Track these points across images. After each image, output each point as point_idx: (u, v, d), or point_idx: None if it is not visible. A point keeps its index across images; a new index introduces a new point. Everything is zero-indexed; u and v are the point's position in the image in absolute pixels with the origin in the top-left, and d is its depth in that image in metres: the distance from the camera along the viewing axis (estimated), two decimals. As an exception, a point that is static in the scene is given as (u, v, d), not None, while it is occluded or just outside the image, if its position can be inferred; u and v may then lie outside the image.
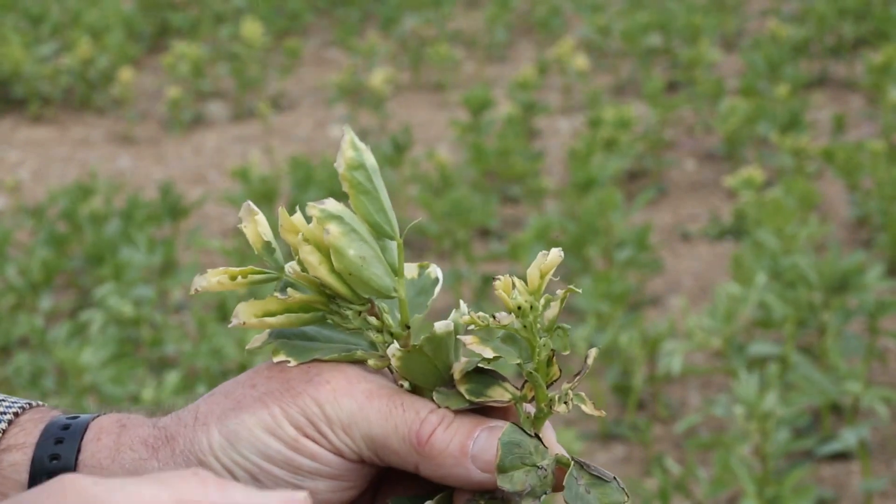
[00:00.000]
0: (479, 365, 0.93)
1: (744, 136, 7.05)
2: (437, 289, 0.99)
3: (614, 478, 0.92)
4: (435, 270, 1.00)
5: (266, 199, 6.07)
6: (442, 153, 6.78)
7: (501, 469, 0.90)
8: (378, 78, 7.93)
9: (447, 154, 7.00)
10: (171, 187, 6.31)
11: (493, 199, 6.22)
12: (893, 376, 4.81)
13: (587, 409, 0.94)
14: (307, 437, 0.92)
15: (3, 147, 8.09)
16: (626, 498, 0.92)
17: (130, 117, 8.38)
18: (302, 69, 9.37)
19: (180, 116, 8.31)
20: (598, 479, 0.92)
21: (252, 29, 8.84)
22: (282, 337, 0.96)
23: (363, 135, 7.93)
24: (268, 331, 0.97)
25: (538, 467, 0.91)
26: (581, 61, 8.21)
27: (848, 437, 4.06)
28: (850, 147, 6.32)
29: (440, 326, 0.92)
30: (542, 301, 0.92)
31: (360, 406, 0.92)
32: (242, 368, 4.32)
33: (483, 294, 5.44)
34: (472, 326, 0.92)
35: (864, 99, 8.01)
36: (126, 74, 8.36)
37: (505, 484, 0.90)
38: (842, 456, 4.33)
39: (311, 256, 0.92)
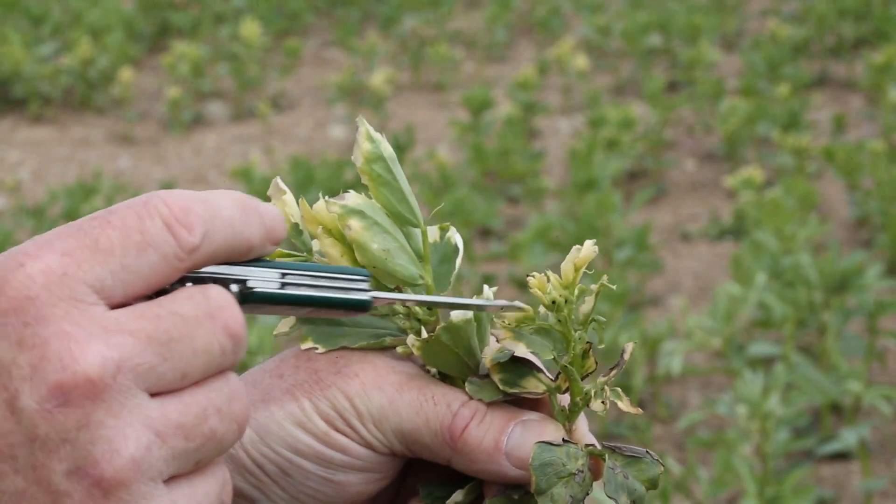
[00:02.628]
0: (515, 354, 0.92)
1: (744, 136, 7.05)
2: (459, 260, 0.97)
3: (647, 451, 0.91)
4: (455, 236, 0.98)
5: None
6: (442, 153, 6.78)
7: (539, 492, 0.89)
8: (378, 78, 7.93)
9: (447, 154, 7.00)
10: (172, 188, 6.31)
11: (496, 200, 6.22)
12: (893, 376, 4.81)
13: (623, 405, 0.92)
14: (338, 430, 0.90)
15: (3, 147, 8.09)
16: (660, 469, 0.91)
17: (130, 117, 8.38)
18: (302, 69, 9.37)
19: (180, 116, 8.31)
20: (632, 458, 0.91)
21: (251, 29, 8.84)
22: (309, 322, 0.94)
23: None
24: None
25: (574, 474, 0.89)
26: (581, 61, 8.21)
27: (848, 437, 4.06)
28: (850, 147, 6.32)
29: (456, 315, 0.91)
30: (576, 294, 0.91)
31: (391, 400, 0.90)
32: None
33: (483, 294, 5.43)
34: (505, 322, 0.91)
35: (864, 99, 8.01)
36: (126, 74, 8.36)
37: None
38: (842, 456, 4.33)
39: (332, 249, 0.91)
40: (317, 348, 0.93)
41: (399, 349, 0.93)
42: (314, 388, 0.91)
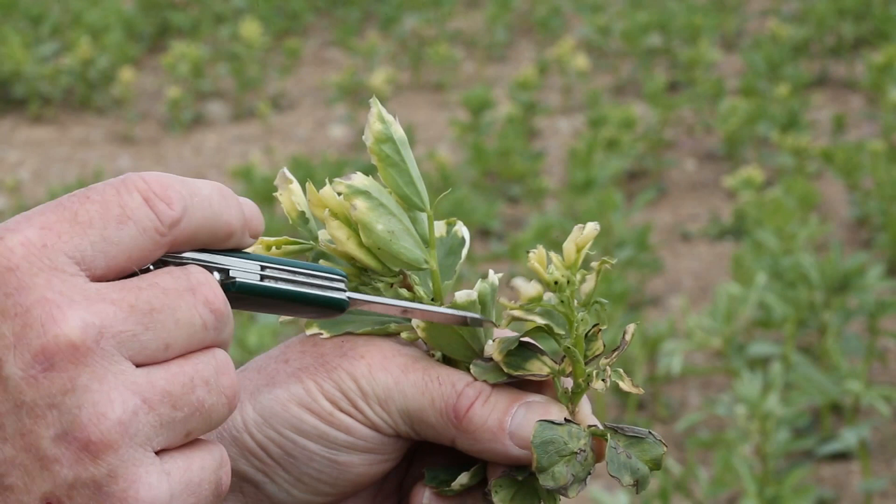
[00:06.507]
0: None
1: (744, 136, 7.05)
2: (465, 251, 0.98)
3: (649, 432, 0.92)
4: (462, 229, 0.99)
5: (267, 199, 6.07)
6: (442, 153, 6.78)
7: (541, 470, 0.89)
8: (378, 78, 7.93)
9: (447, 154, 7.00)
10: (171, 187, 6.32)
11: (496, 200, 6.23)
12: (893, 376, 4.81)
13: (625, 385, 0.93)
14: (342, 411, 0.91)
15: (3, 147, 8.09)
16: (663, 449, 0.91)
17: (130, 117, 8.38)
18: (302, 69, 9.37)
19: (180, 116, 8.32)
20: (634, 438, 0.91)
21: (251, 29, 8.84)
22: None
23: (363, 134, 7.94)
24: None
25: (576, 453, 0.90)
26: (581, 61, 8.21)
27: (848, 437, 4.06)
28: (850, 147, 6.32)
29: (461, 296, 0.92)
30: (579, 276, 0.91)
31: (396, 380, 0.92)
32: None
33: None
34: (511, 312, 0.91)
35: (864, 99, 8.01)
36: (126, 74, 8.36)
37: (548, 482, 0.89)
38: (842, 456, 4.33)
39: (338, 231, 0.92)
40: (322, 334, 0.94)
41: (403, 334, 0.94)
42: (319, 371, 0.92)
